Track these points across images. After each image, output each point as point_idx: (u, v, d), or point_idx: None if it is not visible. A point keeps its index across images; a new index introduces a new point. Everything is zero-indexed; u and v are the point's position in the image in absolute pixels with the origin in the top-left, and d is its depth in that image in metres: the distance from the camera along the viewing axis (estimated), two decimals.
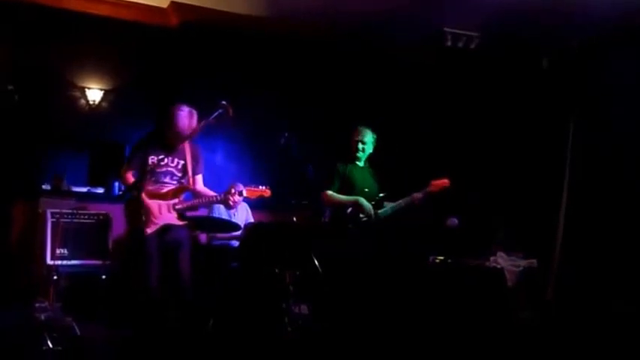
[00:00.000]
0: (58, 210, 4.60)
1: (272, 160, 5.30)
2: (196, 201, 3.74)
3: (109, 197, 5.25)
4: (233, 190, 3.64)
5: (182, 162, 3.70)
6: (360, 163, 4.32)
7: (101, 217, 4.75)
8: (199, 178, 3.79)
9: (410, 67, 5.93)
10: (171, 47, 5.62)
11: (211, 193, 3.75)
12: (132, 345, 3.41)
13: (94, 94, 5.61)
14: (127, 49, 5.59)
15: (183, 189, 3.72)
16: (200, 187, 3.78)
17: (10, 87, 4.99)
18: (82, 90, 5.59)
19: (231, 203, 3.71)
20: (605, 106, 5.20)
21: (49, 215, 4.54)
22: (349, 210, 4.12)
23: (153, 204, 3.58)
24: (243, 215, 5.08)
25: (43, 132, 5.18)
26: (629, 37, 5.01)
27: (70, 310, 3.80)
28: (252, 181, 4.03)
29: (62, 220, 4.53)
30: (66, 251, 4.45)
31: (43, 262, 4.36)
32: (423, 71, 5.94)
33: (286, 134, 4.24)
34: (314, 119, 5.75)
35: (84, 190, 5.26)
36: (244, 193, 3.69)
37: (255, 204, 5.03)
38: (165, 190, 3.65)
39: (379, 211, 4.15)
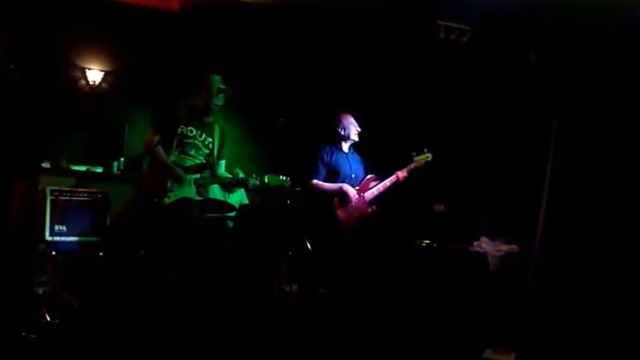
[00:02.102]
0: (57, 187, 4.52)
1: (268, 145, 5.22)
2: (217, 179, 3.61)
3: (107, 176, 5.17)
4: (255, 175, 3.53)
5: (210, 139, 3.54)
6: (345, 149, 4.23)
7: (100, 195, 4.68)
8: (223, 163, 3.66)
9: (404, 56, 5.84)
10: (172, 31, 5.50)
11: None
12: (128, 320, 3.34)
13: (95, 74, 5.53)
14: (128, 32, 5.47)
15: (207, 167, 3.56)
16: (221, 173, 3.66)
17: (12, 66, 4.86)
18: (83, 70, 5.51)
19: (250, 187, 3.56)
20: (589, 99, 5.16)
21: (48, 192, 4.46)
22: (335, 199, 4.05)
23: (177, 174, 3.40)
24: (237, 196, 5.00)
25: (43, 111, 5.07)
26: (614, 34, 4.95)
27: (68, 285, 3.72)
28: (248, 164, 3.96)
29: (61, 197, 4.45)
30: (64, 228, 4.39)
31: (41, 238, 4.28)
32: (415, 60, 5.87)
33: (282, 120, 4.15)
34: (310, 106, 5.66)
35: (83, 168, 5.17)
36: (266, 180, 3.55)
37: None
38: (188, 163, 3.48)
39: (364, 194, 4.09)
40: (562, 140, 5.35)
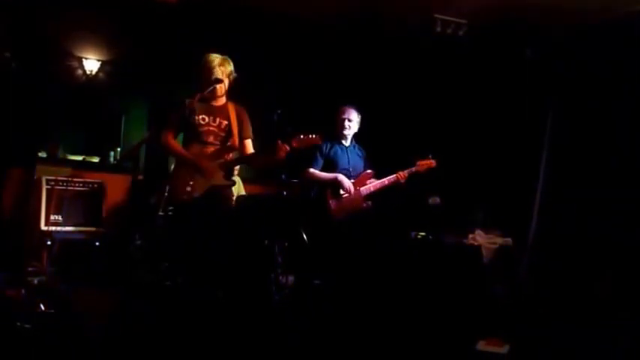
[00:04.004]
0: (53, 177, 4.45)
1: (265, 135, 5.16)
2: (241, 158, 3.44)
3: (104, 166, 5.10)
4: (280, 143, 3.24)
5: (225, 122, 3.37)
6: (346, 142, 4.18)
7: (96, 185, 4.63)
8: (248, 143, 3.47)
9: (400, 49, 5.77)
10: (169, 21, 5.40)
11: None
12: (123, 310, 3.29)
13: (92, 64, 5.44)
14: (125, 22, 5.36)
15: (229, 149, 3.37)
16: (250, 153, 3.48)
17: (7, 54, 4.78)
18: (80, 60, 5.41)
19: (282, 155, 3.25)
20: (583, 94, 5.12)
21: (44, 182, 4.40)
22: (328, 189, 3.99)
23: (199, 165, 3.26)
24: (234, 188, 4.94)
25: (39, 100, 4.98)
26: (609, 30, 4.90)
27: (63, 275, 3.66)
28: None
29: (57, 187, 4.39)
30: (60, 218, 4.33)
31: (37, 228, 4.22)
32: (412, 55, 5.80)
33: (279, 111, 4.08)
34: (308, 97, 5.60)
35: (79, 158, 5.10)
36: (293, 144, 3.27)
37: (247, 178, 4.92)
38: (209, 151, 3.32)
39: (361, 189, 4.03)
40: (557, 133, 5.32)
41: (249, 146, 3.49)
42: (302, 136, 3.27)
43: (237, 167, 3.64)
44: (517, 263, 5.01)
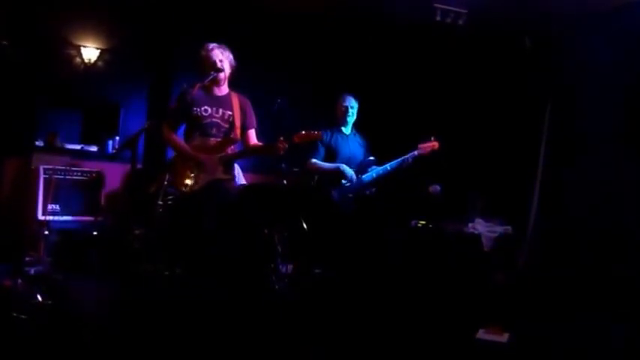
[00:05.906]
0: (50, 166, 4.36)
1: (265, 125, 5.07)
2: (241, 151, 3.35)
3: (102, 155, 5.00)
4: (282, 138, 3.18)
5: (229, 112, 3.29)
6: (346, 130, 4.12)
7: (94, 174, 4.54)
8: (252, 133, 3.39)
9: (400, 39, 5.65)
10: (168, 10, 5.27)
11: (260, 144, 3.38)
12: (121, 300, 3.20)
13: (90, 52, 5.31)
14: (124, 10, 5.24)
15: (231, 141, 3.30)
16: (254, 143, 3.39)
17: (5, 42, 4.64)
18: (78, 48, 5.28)
19: (280, 152, 3.19)
20: (582, 85, 5.03)
21: (41, 171, 4.30)
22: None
23: (199, 160, 3.20)
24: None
25: (37, 88, 4.87)
26: (608, 21, 4.79)
27: (60, 265, 3.56)
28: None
29: (55, 176, 4.29)
30: (58, 207, 4.24)
31: (34, 218, 4.13)
32: (411, 44, 5.67)
33: (279, 100, 3.98)
34: (307, 86, 5.50)
35: (77, 147, 5.01)
36: (294, 140, 3.22)
37: (247, 167, 4.81)
38: (211, 143, 3.25)
39: (363, 176, 3.96)
40: (556, 122, 5.24)
41: (253, 136, 3.42)
42: (303, 132, 3.23)
43: None
44: (517, 251, 4.96)
